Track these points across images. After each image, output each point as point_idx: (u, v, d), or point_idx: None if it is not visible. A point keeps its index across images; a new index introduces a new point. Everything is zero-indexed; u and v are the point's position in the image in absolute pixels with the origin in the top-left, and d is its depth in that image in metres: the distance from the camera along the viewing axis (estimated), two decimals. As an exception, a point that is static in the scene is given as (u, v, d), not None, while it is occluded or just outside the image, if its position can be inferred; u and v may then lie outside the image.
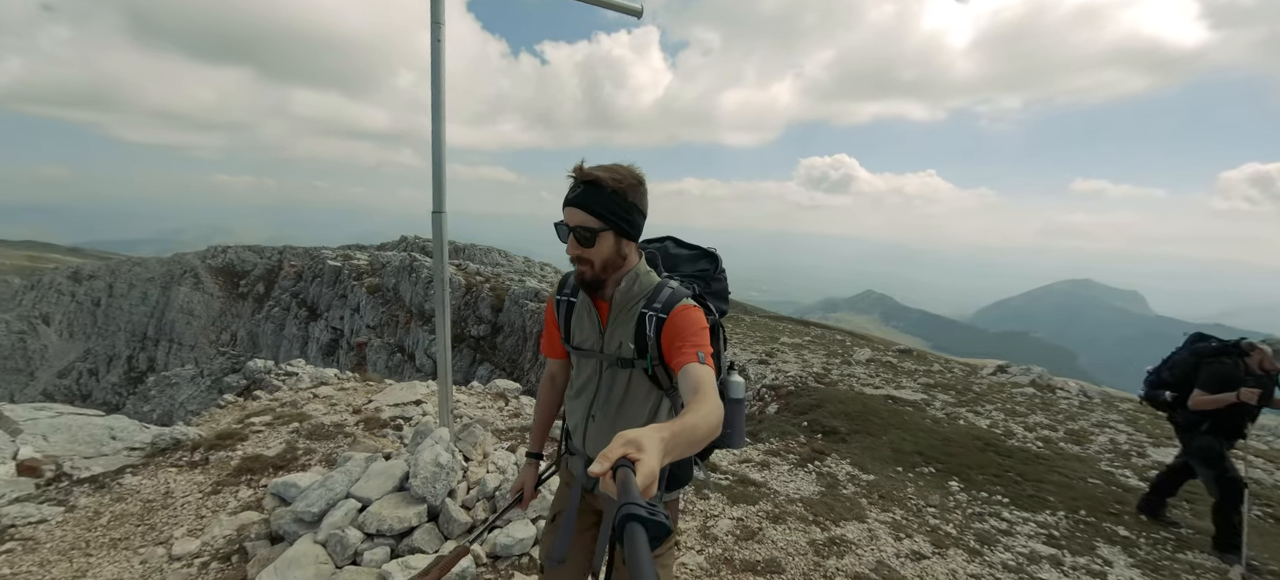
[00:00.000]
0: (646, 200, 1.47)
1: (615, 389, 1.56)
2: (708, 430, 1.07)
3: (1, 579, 2.47)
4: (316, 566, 2.42)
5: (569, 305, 1.64)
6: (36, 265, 47.77)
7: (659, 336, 1.45)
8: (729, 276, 1.69)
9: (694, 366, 1.30)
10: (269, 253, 38.57)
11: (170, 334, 37.13)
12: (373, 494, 2.84)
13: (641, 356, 1.49)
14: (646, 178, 1.44)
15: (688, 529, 3.48)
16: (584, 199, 1.41)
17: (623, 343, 1.52)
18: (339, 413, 4.65)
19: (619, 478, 0.81)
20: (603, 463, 0.83)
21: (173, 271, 39.05)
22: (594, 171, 1.42)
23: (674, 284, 1.52)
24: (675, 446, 0.96)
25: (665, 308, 1.45)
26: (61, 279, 41.05)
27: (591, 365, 1.61)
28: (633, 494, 0.78)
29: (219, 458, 3.64)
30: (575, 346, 1.63)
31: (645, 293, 1.50)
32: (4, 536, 2.78)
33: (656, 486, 0.85)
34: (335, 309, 28.97)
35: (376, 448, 3.87)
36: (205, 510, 3.04)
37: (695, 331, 1.40)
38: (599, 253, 1.44)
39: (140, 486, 3.27)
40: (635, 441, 0.87)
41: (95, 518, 2.97)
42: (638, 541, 0.71)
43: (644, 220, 1.50)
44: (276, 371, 6.12)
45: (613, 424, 1.57)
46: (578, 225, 1.41)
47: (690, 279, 1.64)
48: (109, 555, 2.67)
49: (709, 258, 1.73)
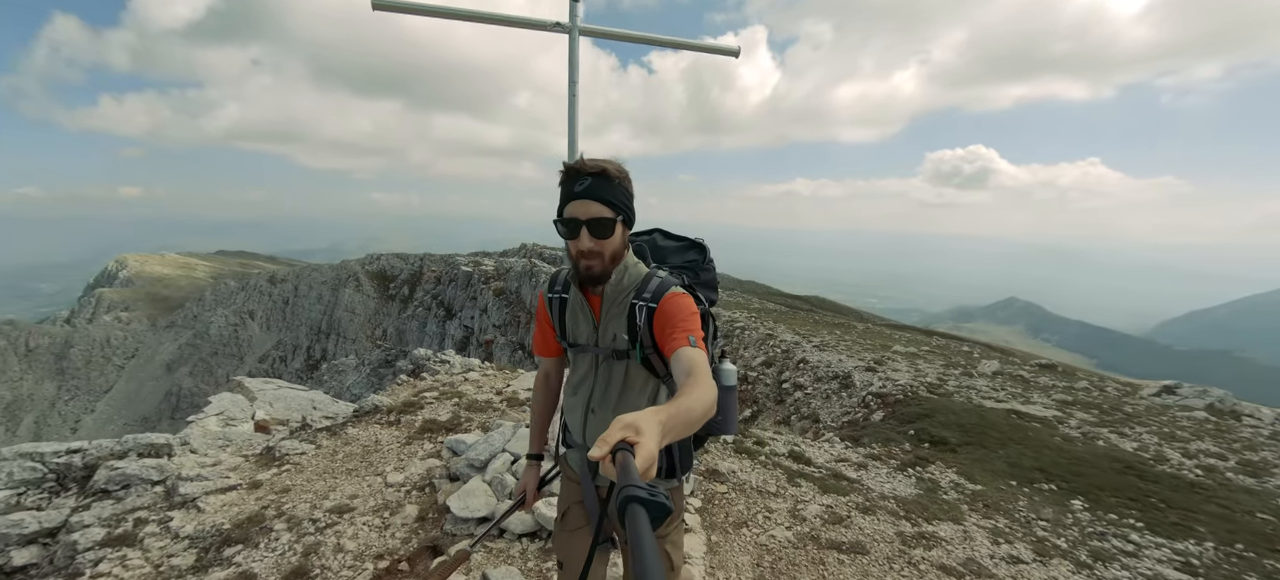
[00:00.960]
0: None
1: (613, 381, 1.59)
2: (703, 410, 1.10)
3: (287, 484, 3.65)
4: (486, 497, 3.26)
5: (562, 302, 1.65)
6: (246, 270, 59.66)
7: (650, 325, 1.48)
8: (843, 281, 1.75)
9: (686, 350, 1.33)
10: (413, 259, 44.28)
11: (338, 329, 44.16)
12: (519, 451, 3.66)
13: (635, 347, 1.52)
14: (756, 180, 1.58)
15: (778, 510, 3.89)
16: (596, 190, 1.42)
17: (617, 335, 1.54)
18: (485, 393, 5.70)
19: (619, 461, 0.83)
20: (602, 447, 0.85)
21: (340, 276, 46.31)
22: (598, 162, 1.45)
23: (662, 274, 1.56)
24: (672, 428, 0.98)
25: (654, 297, 1.48)
26: (262, 282, 50.54)
27: (588, 360, 1.63)
28: (632, 476, 0.80)
29: (407, 420, 4.77)
30: (572, 343, 1.65)
31: (635, 284, 1.53)
32: (283, 461, 4.04)
33: (656, 468, 0.87)
34: (467, 309, 32.53)
35: (517, 419, 4.77)
36: (403, 455, 4.09)
37: (685, 317, 1.42)
38: (611, 244, 1.47)
39: (359, 435, 4.47)
40: (634, 425, 0.89)
41: (334, 454, 4.15)
42: (639, 522, 0.73)
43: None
44: (434, 360, 7.50)
45: (613, 416, 1.52)
46: (594, 217, 1.43)
47: (679, 270, 1.69)
48: (346, 479, 3.78)
49: (697, 248, 1.77)
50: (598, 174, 1.42)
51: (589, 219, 1.42)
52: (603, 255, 1.45)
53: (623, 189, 1.45)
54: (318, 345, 45.77)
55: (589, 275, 1.48)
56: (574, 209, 1.43)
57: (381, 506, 3.37)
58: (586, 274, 1.48)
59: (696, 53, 3.80)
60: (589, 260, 1.46)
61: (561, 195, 1.46)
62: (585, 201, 1.41)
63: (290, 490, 3.64)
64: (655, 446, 0.87)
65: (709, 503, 3.80)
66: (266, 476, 3.83)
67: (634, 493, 0.75)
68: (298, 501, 3.45)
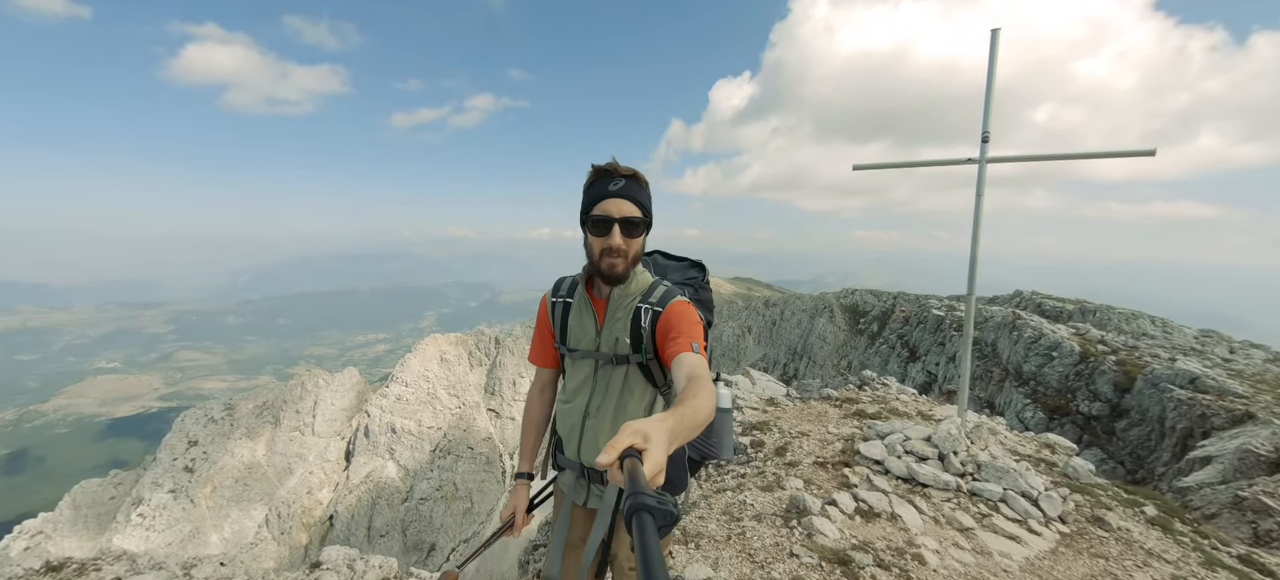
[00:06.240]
0: None
1: (612, 387, 1.63)
2: (706, 415, 1.15)
3: (778, 415, 7.02)
4: (883, 452, 5.54)
5: (565, 306, 1.69)
6: (749, 293, 77.61)
7: (654, 329, 1.53)
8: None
9: (687, 355, 1.37)
10: (886, 297, 46.67)
11: (809, 353, 51.41)
12: (913, 435, 5.70)
13: (637, 351, 1.57)
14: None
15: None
16: (630, 191, 1.50)
17: (619, 339, 1.59)
18: (907, 408, 7.71)
19: (627, 467, 0.86)
20: (610, 452, 0.88)
21: (817, 306, 53.66)
22: (629, 167, 1.51)
23: (668, 283, 1.64)
24: (678, 434, 1.02)
25: (660, 302, 1.55)
26: (758, 304, 64.23)
27: (587, 366, 1.67)
28: (641, 483, 0.82)
29: (846, 407, 7.48)
30: (570, 348, 1.69)
31: (641, 290, 1.60)
32: (777, 405, 7.51)
33: (663, 476, 0.89)
34: (932, 355, 32.40)
35: (926, 428, 6.66)
36: (840, 421, 6.81)
37: (689, 324, 1.47)
38: (635, 246, 1.54)
39: (816, 406, 7.51)
40: (642, 432, 0.92)
41: (801, 411, 7.31)
42: (647, 530, 0.75)
43: None
44: (877, 381, 9.88)
45: (611, 423, 1.64)
46: (626, 217, 1.49)
47: (680, 285, 1.78)
48: (810, 424, 6.81)
49: (698, 267, 1.85)
50: (630, 177, 1.51)
51: (622, 218, 1.50)
52: (627, 255, 1.54)
53: (649, 195, 1.54)
54: (792, 364, 54.60)
55: (612, 274, 1.55)
56: (608, 206, 1.50)
57: (824, 438, 6.20)
58: (609, 272, 1.55)
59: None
60: (614, 258, 1.53)
61: (591, 194, 1.54)
62: (619, 200, 1.50)
63: (780, 418, 6.99)
64: (663, 455, 0.91)
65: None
66: (770, 409, 7.36)
67: (643, 501, 0.78)
68: (783, 422, 6.74)
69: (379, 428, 38.52)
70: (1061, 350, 25.41)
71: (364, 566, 4.22)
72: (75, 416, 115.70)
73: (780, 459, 5.68)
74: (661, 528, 0.78)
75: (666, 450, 0.92)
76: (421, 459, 38.37)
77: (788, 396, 8.19)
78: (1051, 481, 5.54)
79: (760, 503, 4.57)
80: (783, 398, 8.06)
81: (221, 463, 34.90)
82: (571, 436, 1.72)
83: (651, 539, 0.74)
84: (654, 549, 0.73)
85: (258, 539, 33.35)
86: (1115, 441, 21.03)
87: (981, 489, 5.00)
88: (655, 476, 0.87)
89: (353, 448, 39.06)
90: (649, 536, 0.75)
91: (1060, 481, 5.65)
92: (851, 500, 4.59)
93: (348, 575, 4.06)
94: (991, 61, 5.04)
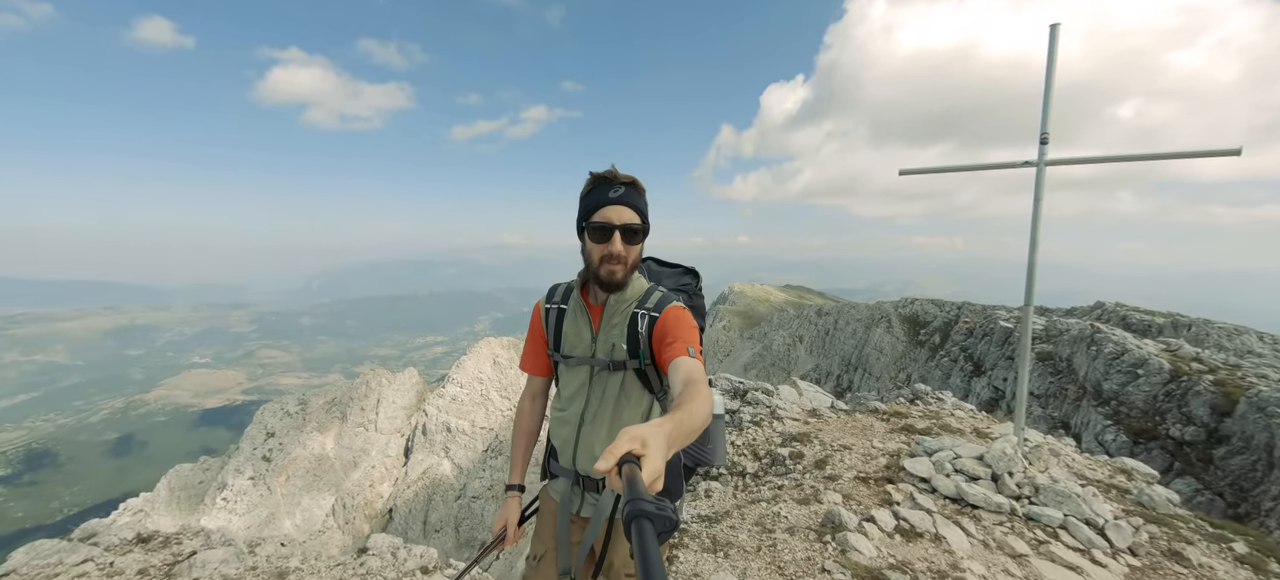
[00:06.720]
0: None
1: (608, 393, 1.63)
2: (702, 420, 1.15)
3: (820, 428, 6.84)
4: (931, 470, 5.29)
5: (559, 312, 1.69)
6: (801, 302, 75.73)
7: (650, 334, 1.54)
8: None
9: (684, 360, 1.38)
10: (948, 307, 44.39)
11: (865, 365, 49.49)
12: (964, 453, 5.41)
13: (634, 356, 1.57)
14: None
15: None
16: (630, 198, 1.51)
17: (615, 345, 1.60)
18: (961, 424, 7.32)
19: (625, 473, 0.86)
20: (609, 459, 0.88)
21: (874, 316, 51.65)
22: (628, 174, 1.53)
23: (664, 290, 1.66)
24: (676, 439, 1.03)
25: (657, 308, 1.56)
26: (811, 313, 62.57)
27: (582, 373, 1.67)
28: (639, 490, 0.82)
29: (894, 421, 7.19)
30: (565, 355, 1.69)
31: (637, 296, 1.61)
32: (820, 416, 7.31)
33: (661, 481, 0.89)
34: (999, 369, 30.47)
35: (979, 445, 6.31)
36: (885, 435, 6.56)
37: (686, 329, 1.49)
38: (634, 252, 1.55)
39: (861, 419, 7.26)
40: (641, 438, 0.92)
41: (845, 424, 7.10)
42: (646, 537, 0.75)
43: None
44: (931, 395, 9.42)
45: (608, 430, 1.63)
46: (626, 224, 1.50)
47: (674, 291, 1.78)
48: (854, 437, 6.61)
49: (691, 274, 1.86)
50: (630, 184, 1.52)
51: (622, 224, 1.51)
52: (626, 262, 1.55)
53: (647, 202, 1.55)
54: (846, 376, 52.73)
55: (611, 281, 1.56)
56: (608, 213, 1.51)
57: (867, 452, 5.99)
58: (608, 279, 1.56)
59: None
60: (613, 264, 1.54)
61: (590, 201, 1.54)
62: (620, 207, 1.51)
63: (822, 430, 6.81)
64: (662, 461, 0.91)
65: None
66: (812, 421, 7.18)
67: (642, 507, 0.78)
68: (825, 434, 6.56)
69: (435, 426, 40.17)
70: (1148, 367, 23.32)
71: (406, 554, 4.45)
72: (173, 406, 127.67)
73: (820, 472, 5.53)
74: (660, 534, 0.78)
75: (665, 456, 0.93)
76: (474, 458, 39.71)
77: (832, 408, 7.96)
78: (1122, 510, 5.12)
79: (795, 515, 4.47)
80: (826, 410, 7.84)
81: (294, 453, 37.41)
82: (567, 444, 1.71)
83: (651, 545, 0.75)
84: (654, 555, 0.73)
85: (325, 527, 35.47)
86: (1213, 471, 19.07)
87: (1039, 513, 4.68)
88: (654, 482, 0.87)
89: (411, 444, 40.90)
90: (649, 542, 0.75)
91: (1133, 510, 5.21)
92: (892, 518, 4.42)
93: (391, 561, 4.30)
94: (1051, 58, 4.77)
